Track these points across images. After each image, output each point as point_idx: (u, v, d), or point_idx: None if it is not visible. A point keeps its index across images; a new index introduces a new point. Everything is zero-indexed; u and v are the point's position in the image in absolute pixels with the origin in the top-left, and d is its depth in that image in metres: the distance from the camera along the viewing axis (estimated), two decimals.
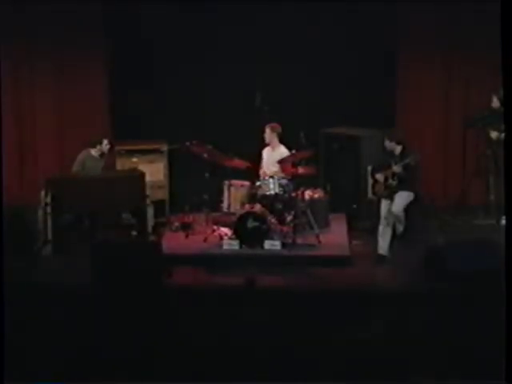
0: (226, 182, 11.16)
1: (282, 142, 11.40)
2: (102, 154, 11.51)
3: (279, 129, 11.32)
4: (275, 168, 11.24)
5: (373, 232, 10.97)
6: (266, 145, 11.52)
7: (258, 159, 11.59)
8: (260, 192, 10.97)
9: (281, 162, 11.09)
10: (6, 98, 11.75)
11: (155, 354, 7.19)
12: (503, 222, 11.15)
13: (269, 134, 11.34)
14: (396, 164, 10.42)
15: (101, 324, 7.89)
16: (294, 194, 11.02)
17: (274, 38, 12.57)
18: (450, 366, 6.93)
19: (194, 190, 12.03)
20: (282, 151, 11.29)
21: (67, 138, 12.61)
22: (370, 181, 10.95)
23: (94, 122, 12.72)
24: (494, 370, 6.58)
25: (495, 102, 11.67)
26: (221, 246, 10.83)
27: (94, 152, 11.52)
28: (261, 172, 11.40)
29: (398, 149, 10.59)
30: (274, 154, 11.38)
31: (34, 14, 12.43)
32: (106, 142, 11.47)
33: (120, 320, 8.02)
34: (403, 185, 10.48)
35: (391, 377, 6.87)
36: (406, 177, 10.43)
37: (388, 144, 10.64)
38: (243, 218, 10.76)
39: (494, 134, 11.76)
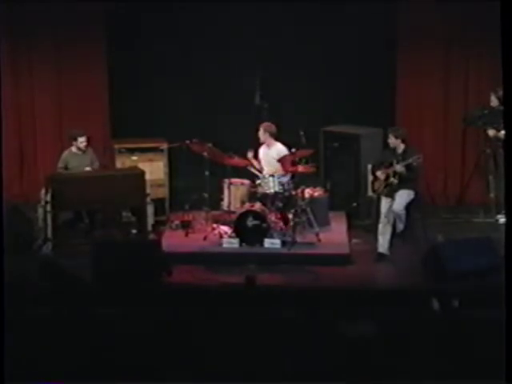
0: (226, 181, 11.16)
1: (278, 140, 11.39)
2: (83, 151, 11.46)
3: (272, 128, 11.31)
4: (272, 166, 11.24)
5: (373, 230, 10.97)
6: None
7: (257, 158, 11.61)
8: (260, 190, 10.96)
9: (280, 160, 11.10)
10: (6, 97, 11.77)
11: (155, 353, 7.19)
12: (501, 220, 11.21)
13: (262, 134, 11.36)
14: (398, 162, 10.43)
15: (101, 323, 7.89)
16: (294, 193, 11.02)
17: (274, 36, 12.57)
18: (450, 366, 6.94)
19: (193, 188, 12.06)
20: (279, 149, 11.29)
21: (67, 138, 12.57)
22: (370, 178, 10.97)
23: (94, 121, 12.73)
24: (494, 370, 6.58)
25: (493, 101, 11.68)
26: (221, 244, 10.83)
27: (74, 149, 11.51)
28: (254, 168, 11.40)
29: (401, 147, 10.60)
30: (270, 152, 11.38)
31: (34, 14, 12.42)
32: (81, 139, 11.39)
33: (120, 318, 8.02)
34: (404, 184, 10.48)
35: (390, 376, 6.87)
36: (407, 176, 10.43)
37: (392, 141, 10.63)
38: (243, 216, 10.76)
39: (491, 132, 11.77)
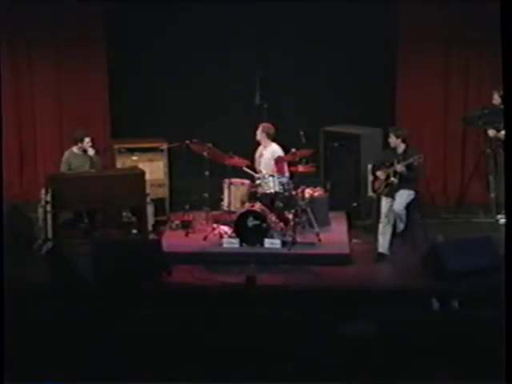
0: (226, 181, 11.16)
1: (275, 140, 11.39)
2: (85, 151, 11.46)
3: (270, 129, 11.33)
4: (267, 166, 11.24)
5: (373, 230, 10.97)
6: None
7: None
8: (260, 190, 10.97)
9: (277, 160, 11.12)
10: (6, 97, 11.76)
11: (155, 353, 7.19)
12: (502, 220, 11.21)
13: (259, 134, 11.39)
14: (398, 162, 10.42)
15: (101, 323, 7.89)
16: (294, 193, 11.02)
17: (274, 36, 12.59)
18: (450, 366, 6.94)
19: (194, 188, 12.08)
20: (274, 149, 11.32)
21: (67, 138, 12.56)
22: (371, 177, 10.97)
23: (94, 121, 12.73)
24: (494, 370, 6.58)
25: (496, 99, 11.67)
26: (221, 244, 10.83)
27: (76, 149, 11.50)
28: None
29: (402, 147, 10.59)
30: (265, 153, 11.40)
31: (34, 14, 12.42)
32: (87, 139, 11.42)
33: (120, 318, 8.03)
34: (404, 184, 10.48)
35: (390, 376, 6.87)
36: (407, 176, 10.43)
37: (393, 141, 10.62)
38: (243, 216, 10.76)
39: (491, 132, 11.77)
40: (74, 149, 11.50)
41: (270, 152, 11.32)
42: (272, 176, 10.95)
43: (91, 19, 12.51)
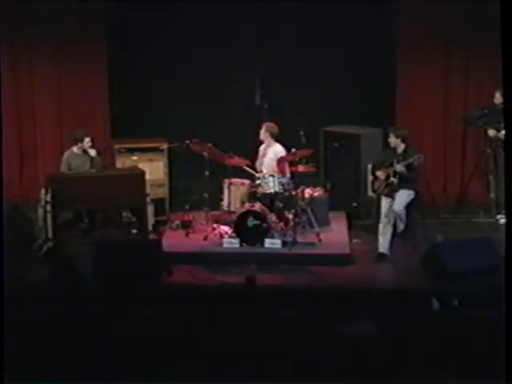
0: (226, 181, 11.16)
1: (278, 141, 11.39)
2: (85, 151, 11.45)
3: (274, 129, 11.32)
4: (269, 166, 11.25)
5: (373, 230, 10.97)
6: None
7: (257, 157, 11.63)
8: (260, 190, 10.97)
9: (279, 160, 11.12)
10: (6, 97, 11.77)
11: (155, 353, 7.19)
12: (502, 220, 11.21)
13: (262, 133, 11.39)
14: (398, 162, 10.43)
15: (101, 323, 7.89)
16: (294, 193, 11.03)
17: (274, 36, 12.59)
18: (450, 366, 6.93)
19: (193, 188, 12.08)
20: (277, 149, 11.32)
21: (67, 138, 12.56)
22: (370, 177, 10.98)
23: (94, 121, 12.73)
24: (494, 370, 6.58)
25: (498, 98, 11.66)
26: (221, 244, 10.83)
27: (76, 149, 11.49)
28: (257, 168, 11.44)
29: (402, 147, 10.60)
30: (267, 152, 11.40)
31: (34, 14, 12.42)
32: (87, 139, 11.41)
33: (120, 318, 8.02)
34: (404, 183, 10.48)
35: (390, 376, 6.87)
36: (407, 176, 10.43)
37: (393, 140, 10.62)
38: (243, 216, 10.76)
39: (491, 132, 11.78)
40: (74, 149, 11.51)
41: (272, 152, 11.32)
42: (272, 176, 10.95)
43: (91, 19, 12.52)
